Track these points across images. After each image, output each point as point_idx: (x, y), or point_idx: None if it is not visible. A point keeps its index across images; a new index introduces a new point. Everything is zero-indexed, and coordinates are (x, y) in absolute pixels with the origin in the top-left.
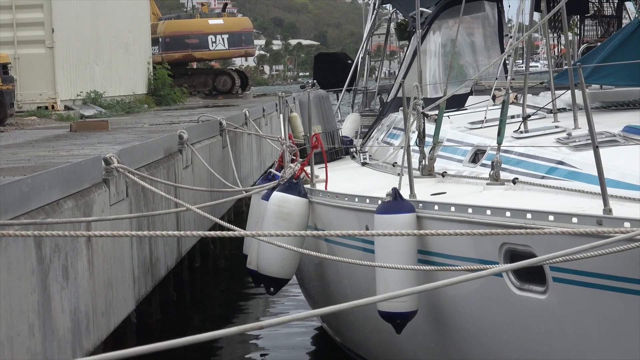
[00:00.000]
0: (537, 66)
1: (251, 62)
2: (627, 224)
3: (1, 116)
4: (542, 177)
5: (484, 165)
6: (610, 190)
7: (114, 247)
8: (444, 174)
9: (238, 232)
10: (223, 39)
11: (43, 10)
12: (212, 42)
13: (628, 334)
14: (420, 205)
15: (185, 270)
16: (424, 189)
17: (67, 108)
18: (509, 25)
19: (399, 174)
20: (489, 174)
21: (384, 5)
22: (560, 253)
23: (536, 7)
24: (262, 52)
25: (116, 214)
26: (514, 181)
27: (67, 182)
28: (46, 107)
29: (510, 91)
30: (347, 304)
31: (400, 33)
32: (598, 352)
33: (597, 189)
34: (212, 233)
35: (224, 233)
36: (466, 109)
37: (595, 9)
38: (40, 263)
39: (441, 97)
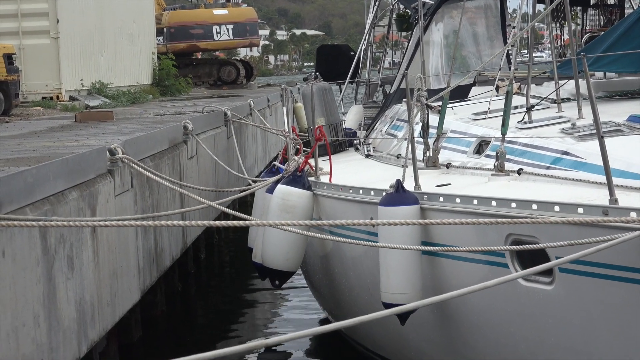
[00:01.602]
0: (542, 56)
1: (256, 52)
2: (633, 214)
3: (6, 107)
4: (547, 168)
5: (488, 156)
6: (615, 180)
7: (119, 237)
8: (448, 165)
9: (243, 221)
10: (228, 29)
11: (48, 1)
12: (217, 33)
13: (635, 323)
14: (425, 196)
15: (190, 261)
16: (429, 181)
17: (72, 98)
18: (512, 15)
19: (403, 166)
20: (494, 165)
21: None
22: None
23: None
24: (267, 42)
25: (121, 204)
26: (519, 172)
27: (72, 173)
28: (51, 98)
29: (513, 81)
30: (368, 316)
31: (400, 24)
32: (604, 342)
33: (602, 179)
34: (218, 223)
35: (229, 223)
36: (470, 100)
37: None
38: (45, 254)
39: (444, 88)
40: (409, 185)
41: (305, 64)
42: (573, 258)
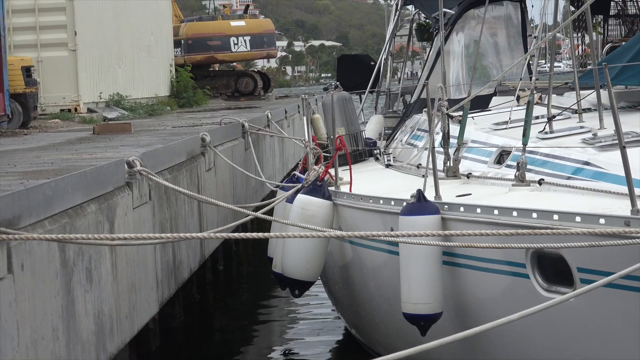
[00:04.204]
0: (559, 66)
1: (273, 63)
2: None
3: (24, 119)
4: (568, 178)
5: (509, 166)
6: (637, 191)
7: (137, 250)
8: (468, 175)
9: (262, 233)
10: (245, 40)
11: (66, 13)
12: (234, 44)
13: None
14: (446, 206)
15: (209, 272)
16: (449, 191)
17: (90, 110)
18: (532, 25)
19: (423, 176)
20: (515, 175)
21: (406, 7)
22: None
23: None
24: (284, 54)
25: (139, 217)
26: (540, 182)
27: (91, 186)
28: (69, 110)
29: (534, 91)
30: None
31: (420, 34)
32: (626, 354)
33: (624, 189)
34: (237, 235)
35: (248, 235)
36: (490, 110)
37: (619, 8)
38: (64, 266)
39: (465, 98)
40: (429, 195)
41: (323, 75)
42: (609, 280)
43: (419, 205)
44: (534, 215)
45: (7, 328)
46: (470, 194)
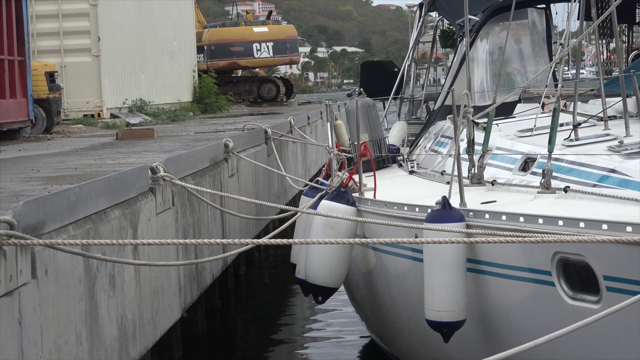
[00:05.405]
0: (582, 73)
1: (295, 69)
2: None
3: (48, 124)
4: (594, 186)
5: (534, 173)
6: None
7: (160, 255)
8: (493, 183)
9: (286, 240)
10: (268, 46)
11: (89, 19)
12: (257, 50)
13: None
14: (471, 214)
15: (231, 278)
16: (474, 198)
17: (113, 116)
18: (556, 31)
19: (447, 183)
20: (540, 183)
21: (429, 13)
22: None
23: (586, 15)
24: (307, 60)
25: (162, 223)
26: (566, 189)
27: (114, 191)
28: (92, 115)
29: (560, 98)
30: None
31: (444, 40)
32: None
33: None
34: (260, 241)
35: (272, 241)
36: (515, 117)
37: None
38: (87, 272)
39: (489, 105)
40: (454, 202)
41: (345, 81)
42: None
43: (444, 212)
44: (560, 222)
45: (31, 333)
46: (495, 201)
